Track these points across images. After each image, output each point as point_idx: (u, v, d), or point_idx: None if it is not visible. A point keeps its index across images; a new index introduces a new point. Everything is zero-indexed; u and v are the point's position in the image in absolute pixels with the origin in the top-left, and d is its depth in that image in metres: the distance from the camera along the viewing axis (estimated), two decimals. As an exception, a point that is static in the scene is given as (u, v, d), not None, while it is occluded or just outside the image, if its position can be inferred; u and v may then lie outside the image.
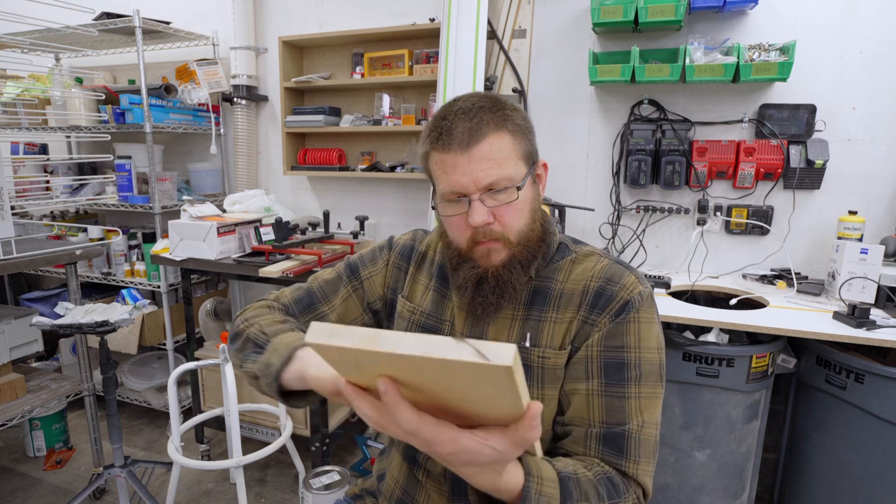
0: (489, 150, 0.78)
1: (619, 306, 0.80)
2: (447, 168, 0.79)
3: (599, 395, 0.78)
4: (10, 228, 1.84)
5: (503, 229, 0.81)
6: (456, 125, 0.78)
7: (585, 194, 2.32)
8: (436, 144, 0.80)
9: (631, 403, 0.78)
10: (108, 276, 2.68)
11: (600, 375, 0.79)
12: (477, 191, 0.78)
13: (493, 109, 0.79)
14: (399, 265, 1.00)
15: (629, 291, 0.81)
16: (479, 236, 0.81)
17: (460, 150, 0.78)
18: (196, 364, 1.97)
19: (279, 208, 2.60)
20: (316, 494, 1.80)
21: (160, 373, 2.78)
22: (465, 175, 0.78)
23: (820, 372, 1.67)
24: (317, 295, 0.98)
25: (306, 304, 0.98)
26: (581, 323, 0.82)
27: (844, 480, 1.62)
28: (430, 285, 0.95)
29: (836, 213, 1.98)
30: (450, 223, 0.84)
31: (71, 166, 3.03)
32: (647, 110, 2.15)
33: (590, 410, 0.78)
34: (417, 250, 1.00)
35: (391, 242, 1.03)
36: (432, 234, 1.02)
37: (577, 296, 0.84)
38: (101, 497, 2.18)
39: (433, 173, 0.83)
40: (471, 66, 2.17)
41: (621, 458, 0.76)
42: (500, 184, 0.78)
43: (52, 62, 3.00)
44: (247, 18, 2.68)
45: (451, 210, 0.82)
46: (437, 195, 0.83)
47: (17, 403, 1.94)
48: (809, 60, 1.94)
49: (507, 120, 0.79)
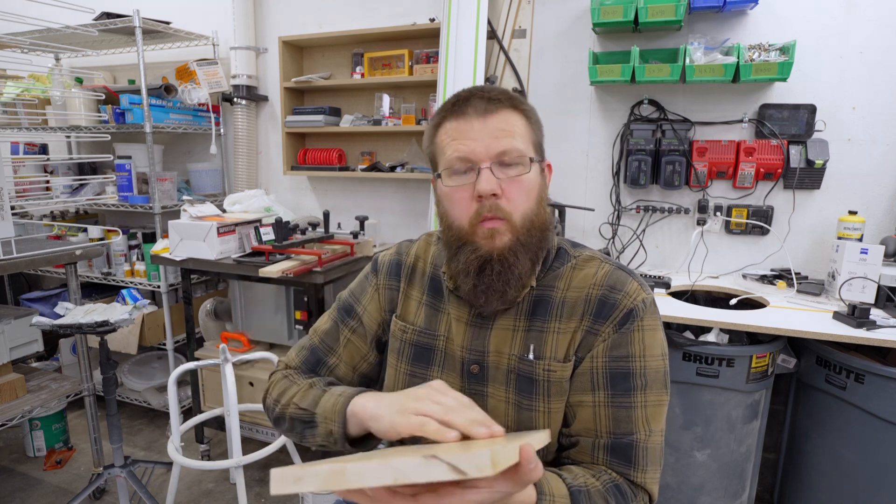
0: (504, 122, 0.77)
1: (623, 315, 0.79)
2: (458, 134, 0.78)
3: (606, 406, 0.78)
4: (10, 228, 1.84)
5: (510, 206, 0.77)
6: (475, 97, 0.79)
7: (585, 194, 2.32)
8: (450, 113, 0.79)
9: (638, 413, 0.77)
10: (108, 276, 2.68)
11: (606, 387, 0.78)
12: (488, 158, 0.76)
13: (509, 95, 0.81)
14: (389, 286, 0.95)
15: (632, 299, 0.80)
16: (485, 210, 0.76)
17: (477, 117, 0.77)
18: (196, 364, 1.97)
19: (279, 208, 2.60)
20: (316, 494, 1.79)
21: (160, 373, 2.78)
22: (477, 140, 0.76)
23: (820, 372, 1.67)
24: (320, 350, 0.95)
25: (313, 362, 0.95)
26: (585, 333, 0.81)
27: (844, 480, 1.62)
28: (423, 300, 0.92)
29: (836, 213, 1.97)
30: (452, 196, 0.79)
31: (71, 166, 3.02)
32: (647, 110, 2.15)
33: (597, 422, 0.78)
34: (406, 264, 0.95)
35: (376, 266, 0.98)
36: (418, 242, 0.98)
37: (581, 305, 0.82)
38: (101, 497, 2.18)
39: (440, 145, 0.81)
40: (471, 66, 2.17)
41: (630, 467, 0.76)
42: (512, 153, 0.76)
43: (52, 62, 3.00)
44: (247, 18, 2.68)
45: (457, 181, 0.78)
46: (442, 166, 0.80)
47: (17, 403, 1.93)
48: (809, 60, 1.94)
49: (523, 105, 0.81)
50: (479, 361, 0.84)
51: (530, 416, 0.81)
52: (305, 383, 0.88)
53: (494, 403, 0.84)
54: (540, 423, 0.81)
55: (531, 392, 0.81)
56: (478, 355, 0.84)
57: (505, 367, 0.83)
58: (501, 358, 0.83)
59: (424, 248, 0.96)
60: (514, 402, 0.82)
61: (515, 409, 0.82)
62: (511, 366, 0.83)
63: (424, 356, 0.89)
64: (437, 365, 0.88)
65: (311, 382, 0.88)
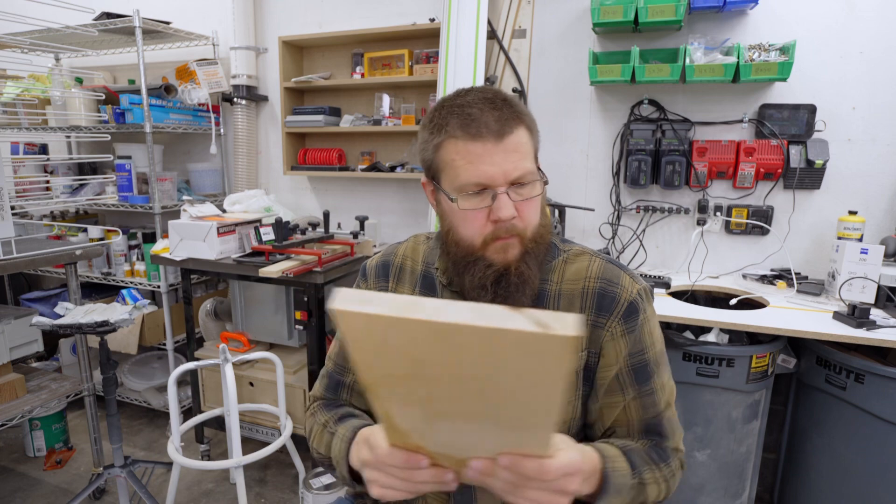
0: (518, 143, 0.76)
1: (626, 308, 0.82)
2: (474, 158, 0.75)
3: (635, 400, 0.84)
4: (10, 228, 1.84)
5: (523, 225, 0.78)
6: (484, 114, 0.75)
7: (585, 194, 2.32)
8: (461, 132, 0.75)
9: (658, 396, 0.84)
10: (108, 276, 2.68)
11: (633, 384, 0.84)
12: (505, 183, 0.75)
13: (511, 103, 0.78)
14: (379, 287, 0.97)
15: (630, 292, 0.83)
16: (501, 232, 0.77)
17: (493, 140, 0.74)
18: (196, 364, 1.97)
19: (279, 208, 2.60)
20: (316, 494, 1.80)
21: (160, 373, 2.78)
22: (495, 166, 0.75)
23: (820, 372, 1.67)
24: (336, 373, 0.98)
25: (333, 386, 0.98)
26: (591, 326, 0.84)
27: (844, 480, 1.62)
28: (415, 295, 0.93)
29: (836, 213, 1.97)
30: (466, 218, 0.78)
31: (71, 166, 3.02)
32: (647, 110, 2.15)
33: (629, 415, 0.84)
34: (394, 264, 0.96)
35: (364, 271, 0.99)
36: (406, 243, 0.99)
37: (578, 297, 0.84)
38: (101, 497, 2.18)
39: (449, 163, 0.77)
40: (471, 66, 2.17)
41: (662, 439, 0.84)
42: (527, 178, 0.77)
43: (52, 62, 2.99)
44: (247, 18, 2.68)
45: (472, 203, 0.77)
46: (453, 187, 0.78)
47: (17, 403, 1.93)
48: (809, 60, 1.94)
49: (525, 115, 0.80)
50: None
51: None
52: (320, 425, 0.91)
53: None
54: None
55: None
56: None
57: None
58: None
59: (413, 248, 0.97)
60: None
61: None
62: None
63: None
64: None
65: (325, 422, 0.90)
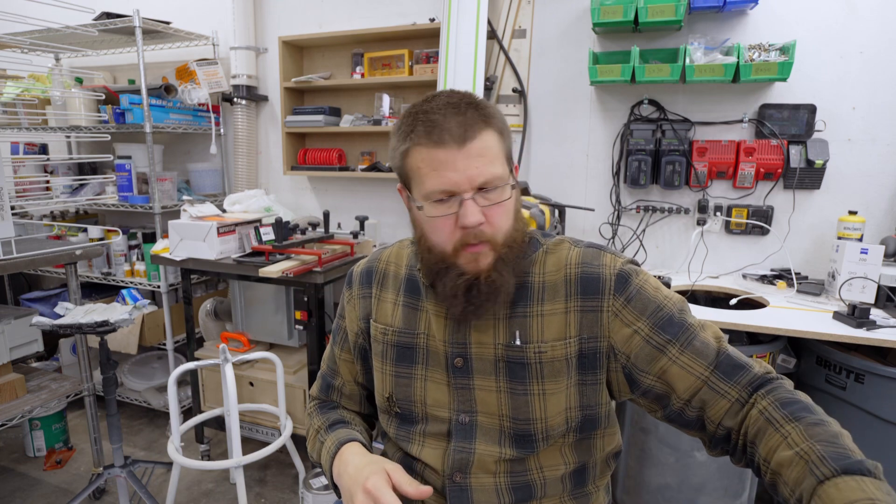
0: (482, 147, 0.75)
1: (615, 281, 0.81)
2: (438, 164, 0.75)
3: (683, 351, 0.79)
4: (10, 228, 1.84)
5: (493, 231, 0.78)
6: (447, 119, 0.74)
7: (585, 194, 2.32)
8: (425, 139, 0.75)
9: (702, 335, 0.80)
10: (108, 276, 2.68)
11: (671, 340, 0.79)
12: (471, 189, 0.75)
13: (478, 107, 0.77)
14: (363, 294, 0.97)
15: (612, 267, 0.82)
16: (470, 238, 0.77)
17: (455, 146, 0.74)
18: (196, 364, 1.97)
19: (279, 208, 2.60)
20: (316, 494, 1.80)
21: (160, 373, 2.78)
22: (458, 172, 0.74)
23: (820, 372, 1.67)
24: (327, 375, 1.04)
25: (325, 387, 1.04)
26: (582, 312, 0.82)
27: (844, 480, 1.61)
28: (399, 300, 0.92)
29: (836, 213, 1.97)
30: (435, 225, 0.78)
31: (71, 166, 3.02)
32: (647, 110, 2.15)
33: (690, 370, 0.78)
34: (377, 270, 0.96)
35: (350, 279, 1.00)
36: (391, 248, 0.99)
37: (561, 286, 0.83)
38: (101, 497, 2.18)
39: (416, 171, 0.77)
40: (471, 66, 2.17)
41: (746, 369, 0.78)
42: (494, 182, 0.76)
43: (52, 62, 3.00)
44: (247, 18, 2.68)
45: (439, 210, 0.77)
46: (421, 195, 0.78)
47: (17, 403, 1.93)
48: (809, 60, 1.94)
49: (494, 118, 0.78)
50: (462, 354, 0.85)
51: (525, 401, 0.82)
52: (314, 430, 0.97)
53: (483, 395, 0.84)
54: (535, 406, 0.82)
55: (524, 377, 0.82)
56: (460, 348, 0.85)
57: (491, 356, 0.84)
58: (485, 349, 0.84)
59: (397, 253, 0.97)
60: (507, 389, 0.83)
61: (509, 397, 0.83)
62: (498, 355, 0.83)
63: (407, 356, 0.90)
64: (421, 363, 0.88)
65: (318, 428, 0.96)
